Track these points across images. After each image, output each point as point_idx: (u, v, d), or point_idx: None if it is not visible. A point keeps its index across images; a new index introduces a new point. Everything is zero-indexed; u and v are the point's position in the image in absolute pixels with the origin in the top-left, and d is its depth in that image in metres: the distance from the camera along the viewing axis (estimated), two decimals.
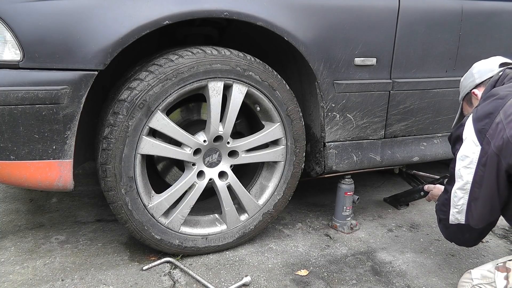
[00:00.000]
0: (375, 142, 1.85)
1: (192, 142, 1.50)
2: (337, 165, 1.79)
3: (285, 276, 1.54)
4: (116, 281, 1.46)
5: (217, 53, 1.43)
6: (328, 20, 1.58)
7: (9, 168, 1.27)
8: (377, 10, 1.66)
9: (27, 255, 1.61)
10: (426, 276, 1.59)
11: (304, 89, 1.76)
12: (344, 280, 1.54)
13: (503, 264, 1.21)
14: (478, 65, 1.55)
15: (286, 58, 1.74)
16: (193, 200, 1.56)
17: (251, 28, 1.50)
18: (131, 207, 1.43)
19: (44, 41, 1.21)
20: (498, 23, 1.94)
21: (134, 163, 1.40)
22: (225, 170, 1.61)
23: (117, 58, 1.30)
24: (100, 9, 1.26)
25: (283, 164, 1.68)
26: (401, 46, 1.75)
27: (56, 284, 1.43)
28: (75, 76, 1.25)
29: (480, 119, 1.27)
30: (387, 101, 1.80)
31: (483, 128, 1.24)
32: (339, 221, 1.92)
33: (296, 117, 1.63)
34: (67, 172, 1.33)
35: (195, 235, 1.60)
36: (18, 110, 1.21)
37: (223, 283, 1.48)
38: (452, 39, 1.85)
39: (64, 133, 1.29)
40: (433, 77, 1.88)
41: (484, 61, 1.54)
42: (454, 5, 1.82)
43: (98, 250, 1.67)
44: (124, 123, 1.34)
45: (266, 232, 1.87)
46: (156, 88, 1.35)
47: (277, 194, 1.71)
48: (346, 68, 1.66)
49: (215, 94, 1.46)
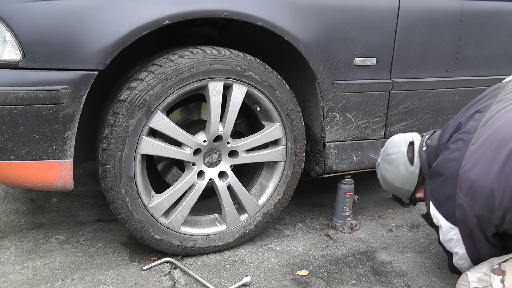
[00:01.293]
0: (375, 142, 1.85)
1: (192, 142, 1.50)
2: (337, 165, 1.79)
3: (285, 276, 1.54)
4: (116, 281, 1.46)
5: (217, 53, 1.43)
6: (328, 20, 1.58)
7: (9, 168, 1.27)
8: (377, 10, 1.66)
9: (27, 255, 1.61)
10: (426, 276, 1.59)
11: (304, 89, 1.76)
12: (344, 280, 1.54)
13: (498, 266, 1.21)
14: (396, 177, 1.48)
15: (286, 58, 1.74)
16: (193, 200, 1.56)
17: (251, 28, 1.50)
18: (131, 207, 1.43)
19: (44, 41, 1.21)
20: (498, 23, 1.94)
21: (134, 163, 1.40)
22: (225, 170, 1.61)
23: (117, 58, 1.30)
24: (100, 9, 1.26)
25: (283, 164, 1.68)
26: (401, 46, 1.75)
27: (56, 284, 1.43)
28: (75, 76, 1.25)
29: (442, 205, 1.26)
30: (387, 101, 1.80)
31: (450, 212, 1.23)
32: (339, 221, 1.92)
33: (296, 117, 1.63)
34: (67, 172, 1.33)
35: (195, 235, 1.60)
36: (18, 110, 1.21)
37: (223, 283, 1.48)
38: (452, 39, 1.85)
39: (64, 133, 1.29)
40: (433, 77, 1.88)
41: (394, 172, 1.47)
42: (454, 5, 1.82)
43: (98, 250, 1.67)
44: (124, 123, 1.34)
45: (266, 232, 1.87)
46: (156, 88, 1.35)
47: (277, 194, 1.71)
48: (346, 68, 1.66)
49: (215, 94, 1.46)
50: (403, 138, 1.50)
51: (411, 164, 1.44)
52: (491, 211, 1.14)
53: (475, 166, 1.16)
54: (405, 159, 1.45)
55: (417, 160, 1.43)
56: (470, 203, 1.16)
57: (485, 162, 1.14)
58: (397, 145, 1.48)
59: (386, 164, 1.50)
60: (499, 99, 1.28)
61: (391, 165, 1.48)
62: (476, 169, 1.15)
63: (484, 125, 1.22)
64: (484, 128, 1.21)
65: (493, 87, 1.39)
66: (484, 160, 1.15)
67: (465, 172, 1.17)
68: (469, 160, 1.18)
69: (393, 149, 1.48)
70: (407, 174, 1.45)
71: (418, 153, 1.44)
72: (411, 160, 1.44)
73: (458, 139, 1.26)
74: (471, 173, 1.16)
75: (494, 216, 1.14)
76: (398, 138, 1.51)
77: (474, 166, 1.16)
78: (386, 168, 1.50)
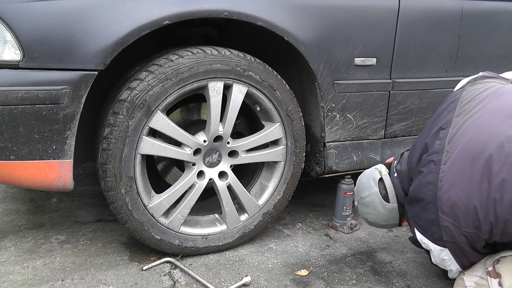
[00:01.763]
0: (375, 142, 1.85)
1: (192, 142, 1.50)
2: (337, 165, 1.79)
3: (285, 276, 1.54)
4: (116, 281, 1.46)
5: (217, 53, 1.43)
6: (328, 20, 1.58)
7: (9, 168, 1.27)
8: (377, 10, 1.66)
9: (27, 255, 1.61)
10: (426, 276, 1.59)
11: (304, 89, 1.76)
12: (344, 280, 1.54)
13: (493, 268, 1.21)
14: (377, 217, 1.48)
15: (286, 58, 1.74)
16: (193, 200, 1.56)
17: (251, 28, 1.50)
18: (131, 207, 1.43)
19: (44, 41, 1.21)
20: (498, 23, 1.94)
21: (134, 163, 1.40)
22: (225, 170, 1.61)
23: (117, 58, 1.30)
24: (100, 9, 1.26)
25: (283, 164, 1.68)
26: (401, 46, 1.75)
27: (56, 284, 1.43)
28: (75, 76, 1.25)
29: (427, 229, 1.25)
30: (387, 101, 1.80)
31: (437, 236, 1.23)
32: (339, 221, 1.92)
33: (296, 117, 1.63)
34: (67, 172, 1.33)
35: (195, 235, 1.60)
36: (18, 110, 1.21)
37: (223, 283, 1.48)
38: (452, 39, 1.85)
39: (64, 133, 1.29)
40: (433, 77, 1.88)
41: (374, 213, 1.47)
42: (454, 5, 1.82)
43: (98, 250, 1.67)
44: (124, 123, 1.34)
45: (266, 232, 1.87)
46: (156, 88, 1.35)
47: (277, 194, 1.71)
48: (346, 68, 1.66)
49: (215, 94, 1.46)
50: (371, 177, 1.48)
51: (388, 202, 1.43)
52: (478, 227, 1.15)
53: (452, 187, 1.16)
54: (380, 199, 1.44)
55: (392, 195, 1.43)
56: (455, 223, 1.17)
57: (462, 182, 1.15)
58: (367, 187, 1.47)
59: (364, 208, 1.50)
60: (457, 113, 1.27)
61: (368, 208, 1.48)
62: (454, 189, 1.16)
63: (451, 142, 1.21)
64: (452, 145, 1.21)
65: (449, 99, 1.37)
66: (461, 179, 1.15)
67: (444, 194, 1.18)
68: (445, 181, 1.18)
69: (365, 192, 1.48)
70: (387, 212, 1.45)
71: (390, 189, 1.43)
72: (386, 198, 1.44)
73: (429, 161, 1.25)
74: (450, 194, 1.16)
75: (482, 231, 1.15)
76: (367, 179, 1.49)
77: (451, 186, 1.16)
78: (366, 211, 1.50)
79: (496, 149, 1.11)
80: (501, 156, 1.10)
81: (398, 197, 1.42)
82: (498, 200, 1.10)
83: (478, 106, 1.23)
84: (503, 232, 1.14)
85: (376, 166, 1.52)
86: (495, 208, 1.10)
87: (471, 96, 1.29)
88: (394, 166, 1.46)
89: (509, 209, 1.09)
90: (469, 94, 1.30)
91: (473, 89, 1.32)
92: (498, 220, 1.11)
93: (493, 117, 1.18)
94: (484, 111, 1.21)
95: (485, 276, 1.21)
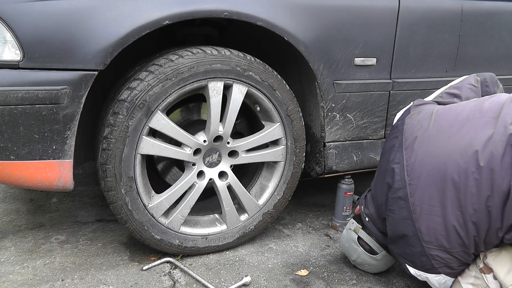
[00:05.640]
0: (375, 142, 1.85)
1: (192, 142, 1.50)
2: (337, 165, 1.79)
3: (285, 276, 1.54)
4: (116, 281, 1.46)
5: (217, 53, 1.43)
6: (328, 20, 1.58)
7: (9, 168, 1.27)
8: (377, 10, 1.66)
9: (27, 255, 1.61)
10: None
11: (304, 89, 1.76)
12: (344, 280, 1.54)
13: (484, 265, 1.24)
14: (377, 268, 1.56)
15: (286, 58, 1.74)
16: (193, 200, 1.56)
17: (251, 28, 1.50)
18: (131, 207, 1.43)
19: (44, 41, 1.21)
20: (498, 23, 1.94)
21: (134, 163, 1.40)
22: (225, 170, 1.61)
23: (117, 58, 1.30)
24: (100, 9, 1.26)
25: (283, 164, 1.68)
26: (401, 46, 1.75)
27: (56, 284, 1.43)
28: (75, 76, 1.25)
29: (418, 263, 1.29)
30: (387, 101, 1.80)
31: (429, 265, 1.27)
32: (339, 221, 1.92)
33: (296, 117, 1.63)
34: (67, 172, 1.33)
35: (195, 235, 1.60)
36: (18, 110, 1.21)
37: (223, 283, 1.48)
38: (452, 39, 1.86)
39: (64, 133, 1.29)
40: (433, 77, 1.88)
41: (372, 267, 1.55)
42: (454, 5, 1.82)
43: (98, 250, 1.67)
44: (124, 123, 1.34)
45: (266, 232, 1.87)
46: (156, 88, 1.35)
47: (277, 194, 1.71)
48: (346, 68, 1.66)
49: (215, 94, 1.46)
50: (351, 240, 1.55)
51: (376, 254, 1.51)
52: (464, 245, 1.20)
53: (430, 215, 1.21)
54: (368, 256, 1.52)
55: (377, 246, 1.50)
56: (442, 248, 1.22)
57: (435, 208, 1.20)
58: (352, 250, 1.55)
59: (361, 266, 1.58)
60: (405, 146, 1.32)
61: (364, 266, 1.56)
62: (430, 217, 1.21)
63: (410, 174, 1.26)
64: (411, 178, 1.26)
65: (392, 136, 1.41)
66: (433, 206, 1.21)
67: (422, 225, 1.23)
68: (419, 212, 1.23)
69: (353, 255, 1.55)
70: (381, 261, 1.53)
71: (371, 242, 1.50)
72: (373, 252, 1.51)
73: (396, 198, 1.29)
74: (429, 222, 1.22)
75: (469, 248, 1.21)
76: (348, 243, 1.56)
77: (429, 215, 1.21)
78: (365, 268, 1.58)
79: (455, 169, 1.17)
80: (461, 174, 1.17)
81: (379, 239, 1.48)
82: (472, 214, 1.16)
83: (424, 135, 1.29)
84: (486, 242, 1.20)
85: (349, 226, 1.59)
86: (472, 221, 1.16)
87: (412, 127, 1.34)
88: (363, 212, 1.52)
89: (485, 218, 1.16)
90: (410, 125, 1.36)
91: (412, 120, 1.37)
92: (479, 232, 1.17)
93: (439, 139, 1.25)
94: (429, 137, 1.27)
95: (479, 275, 1.24)
